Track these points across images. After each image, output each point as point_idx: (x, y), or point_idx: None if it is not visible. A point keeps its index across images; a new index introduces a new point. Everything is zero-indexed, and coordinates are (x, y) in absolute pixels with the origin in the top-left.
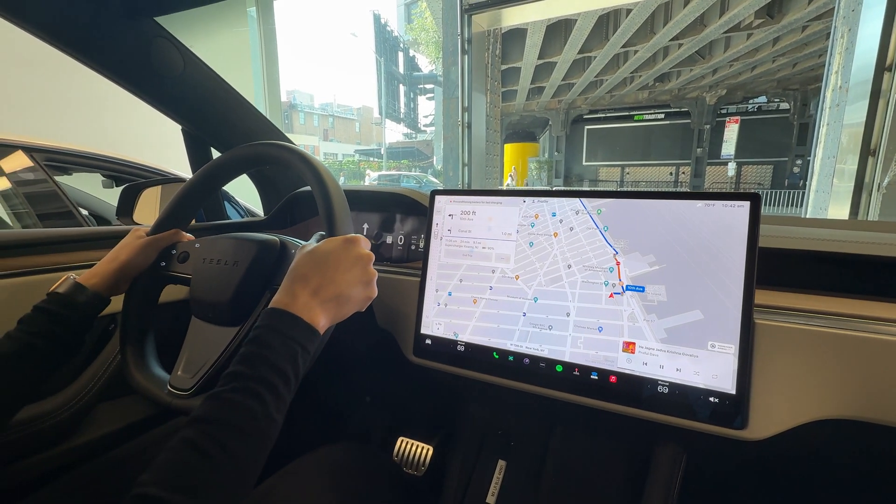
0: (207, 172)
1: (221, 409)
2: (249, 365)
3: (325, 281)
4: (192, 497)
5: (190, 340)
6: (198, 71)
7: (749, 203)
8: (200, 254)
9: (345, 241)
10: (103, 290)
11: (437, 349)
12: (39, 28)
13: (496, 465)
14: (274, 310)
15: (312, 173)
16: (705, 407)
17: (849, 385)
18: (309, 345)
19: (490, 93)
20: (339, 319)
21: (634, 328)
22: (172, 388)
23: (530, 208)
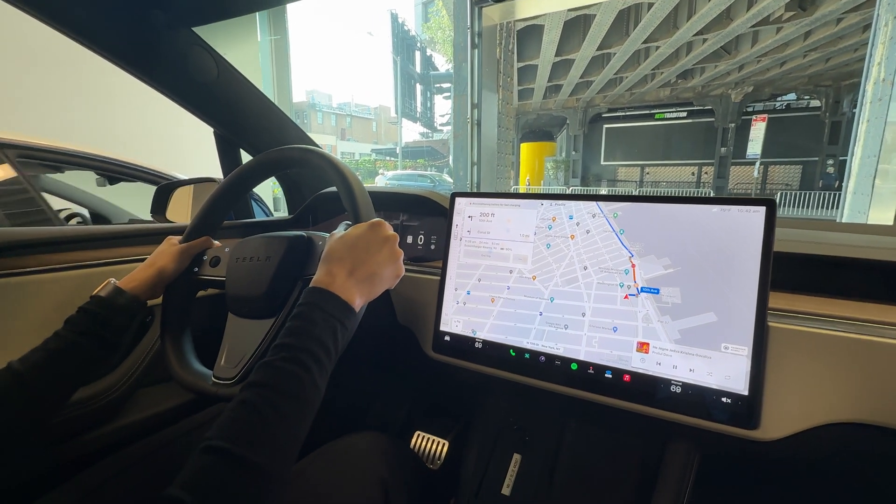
0: (237, 177)
1: (274, 375)
2: (296, 337)
3: (359, 262)
4: (252, 449)
5: (229, 335)
6: (230, 77)
7: (764, 208)
8: (232, 255)
9: (371, 226)
10: (141, 293)
11: (456, 345)
12: (91, 41)
13: (511, 458)
14: (315, 288)
15: (335, 170)
16: (718, 407)
17: (863, 389)
18: (347, 321)
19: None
20: (372, 297)
21: (648, 329)
22: (217, 379)
23: (548, 211)
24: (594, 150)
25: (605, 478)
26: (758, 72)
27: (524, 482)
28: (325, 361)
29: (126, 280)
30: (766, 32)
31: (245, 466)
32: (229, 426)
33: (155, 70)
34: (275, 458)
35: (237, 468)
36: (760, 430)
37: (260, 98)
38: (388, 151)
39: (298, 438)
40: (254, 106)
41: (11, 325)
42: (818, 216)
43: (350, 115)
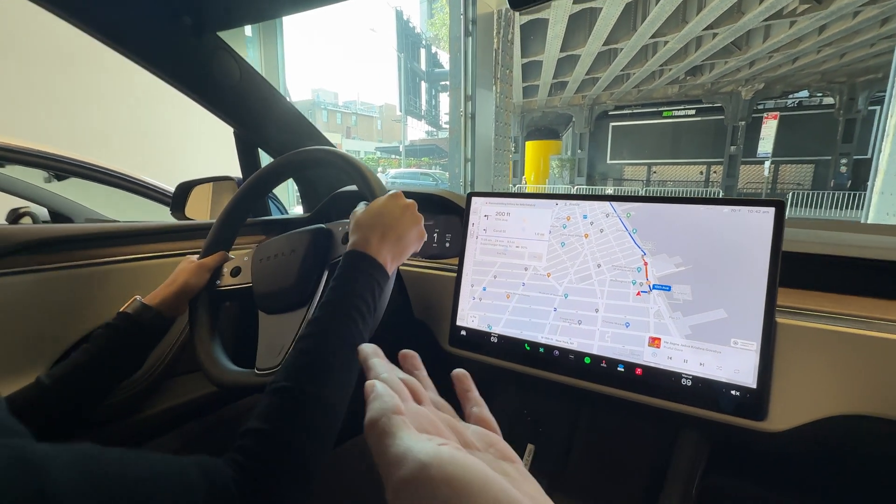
0: (249, 187)
1: (324, 325)
2: (340, 294)
3: (387, 227)
4: (316, 386)
5: (264, 332)
6: (252, 80)
7: (774, 209)
8: (255, 257)
9: (389, 196)
10: (165, 310)
11: (472, 340)
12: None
13: (525, 448)
14: (353, 251)
15: (343, 161)
16: (727, 399)
17: (868, 383)
18: (382, 282)
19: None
20: (401, 261)
21: (660, 324)
22: (260, 371)
23: (562, 210)
24: (600, 149)
25: (617, 468)
26: (769, 68)
27: (538, 471)
28: (368, 316)
29: (151, 297)
30: (779, 27)
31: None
32: (292, 370)
33: (181, 73)
34: (335, 391)
35: (303, 400)
36: (768, 421)
37: (279, 100)
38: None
39: (352, 374)
40: (273, 108)
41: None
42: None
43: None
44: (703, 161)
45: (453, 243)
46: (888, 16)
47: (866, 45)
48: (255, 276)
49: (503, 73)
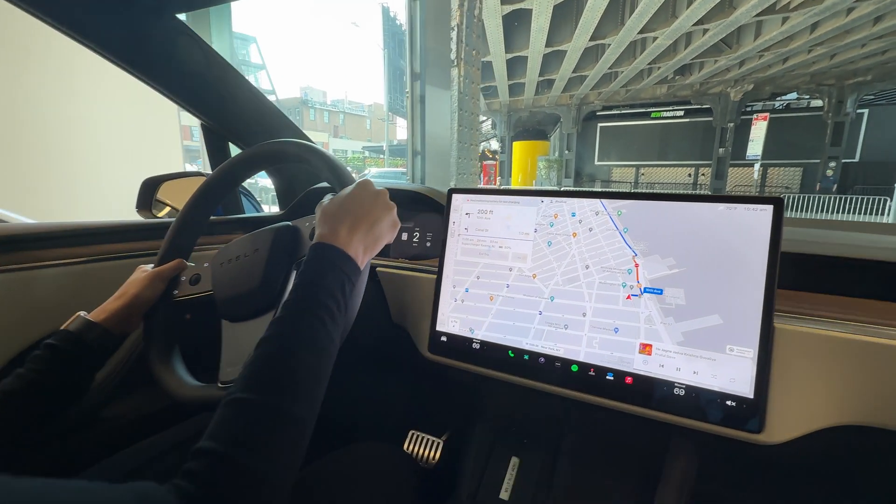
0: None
1: (288, 326)
2: (305, 290)
3: (357, 217)
4: (277, 396)
5: (227, 343)
6: (219, 68)
7: (772, 207)
8: (215, 262)
9: (359, 184)
10: (113, 326)
11: (453, 346)
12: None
13: (509, 461)
14: (320, 244)
15: (310, 152)
16: (722, 410)
17: (869, 391)
18: (353, 276)
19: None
20: (374, 252)
21: (651, 330)
22: (223, 384)
23: (549, 208)
24: (588, 150)
25: (605, 483)
26: (759, 68)
27: (523, 486)
28: (338, 315)
29: (97, 312)
30: (771, 24)
31: (269, 411)
32: (250, 378)
33: (138, 59)
34: (302, 406)
35: (262, 414)
36: (765, 433)
37: (251, 91)
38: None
39: (320, 383)
40: (244, 98)
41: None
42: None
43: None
44: (692, 163)
45: (434, 243)
46: (881, 14)
47: (857, 45)
48: (216, 281)
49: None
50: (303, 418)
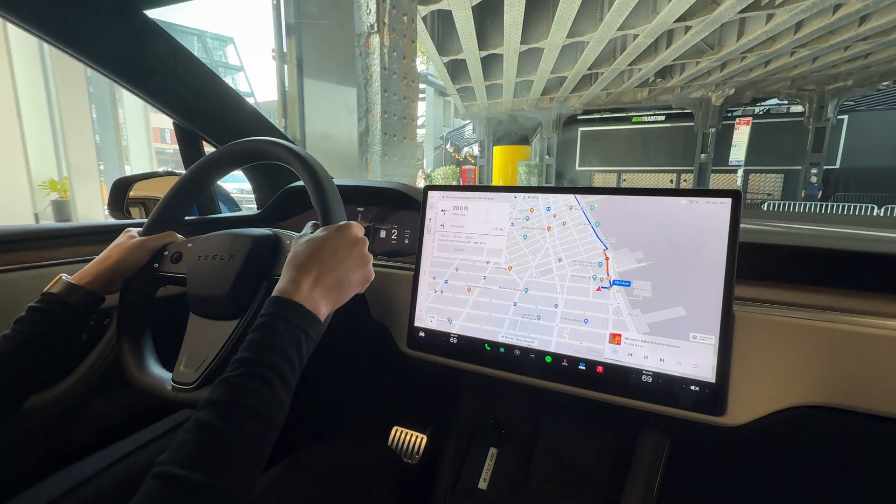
0: (201, 168)
1: (234, 392)
2: (257, 351)
3: (325, 269)
4: (210, 474)
5: (190, 336)
6: (190, 65)
7: (730, 200)
8: (195, 252)
9: (339, 229)
10: (96, 289)
11: (431, 341)
12: (28, 22)
13: (488, 452)
14: (278, 298)
15: (304, 166)
16: (687, 395)
17: (823, 373)
18: (312, 331)
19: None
20: (339, 304)
21: (619, 321)
22: (176, 384)
23: (525, 203)
24: (569, 155)
25: (579, 468)
26: (741, 71)
27: (500, 476)
28: (289, 375)
29: (79, 275)
30: (755, 22)
31: (204, 492)
32: (184, 449)
33: (105, 56)
34: (238, 481)
35: (195, 495)
36: (727, 416)
37: (224, 89)
38: None
39: (262, 458)
40: (217, 97)
41: None
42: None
43: None
44: (674, 169)
45: (412, 240)
46: (868, 13)
47: (840, 47)
48: (191, 274)
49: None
50: (237, 494)
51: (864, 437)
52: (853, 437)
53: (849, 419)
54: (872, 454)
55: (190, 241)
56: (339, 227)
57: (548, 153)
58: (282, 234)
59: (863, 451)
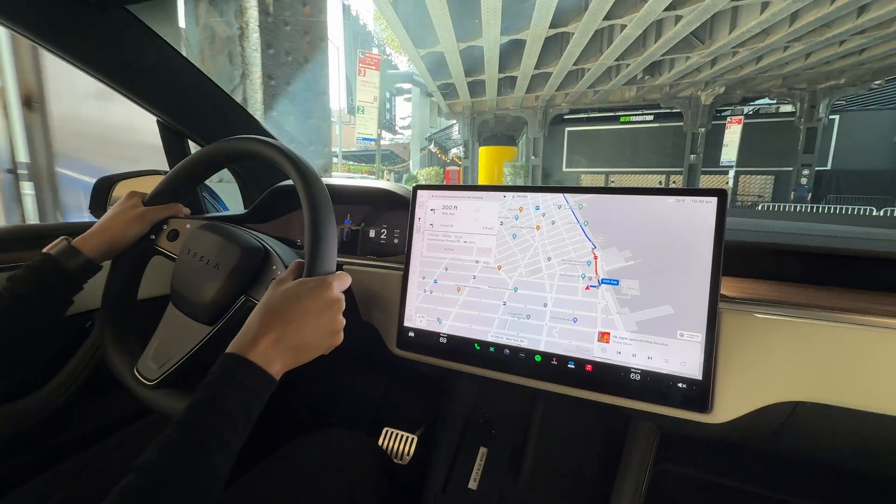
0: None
1: (168, 457)
2: (202, 414)
3: (289, 330)
4: None
5: (164, 327)
6: (174, 62)
7: (716, 199)
8: (189, 239)
9: (318, 287)
10: (96, 256)
11: (420, 341)
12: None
13: (478, 452)
14: (233, 356)
15: (308, 193)
16: (674, 392)
17: (808, 370)
18: (263, 392)
19: None
20: (296, 365)
21: (607, 320)
22: (138, 374)
23: (514, 202)
24: (556, 156)
25: (569, 466)
26: (732, 68)
27: (491, 475)
28: (233, 441)
29: (81, 240)
30: (749, 12)
31: None
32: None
33: (83, 52)
34: None
35: None
36: (713, 413)
37: (210, 86)
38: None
39: None
40: (203, 94)
41: None
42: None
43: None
44: (662, 170)
45: (402, 239)
46: (865, 3)
47: (836, 41)
48: (177, 266)
49: None
50: None
51: (848, 434)
52: (838, 433)
53: (833, 415)
54: (856, 450)
55: (189, 222)
56: (319, 284)
57: (534, 154)
58: (271, 251)
59: (847, 447)
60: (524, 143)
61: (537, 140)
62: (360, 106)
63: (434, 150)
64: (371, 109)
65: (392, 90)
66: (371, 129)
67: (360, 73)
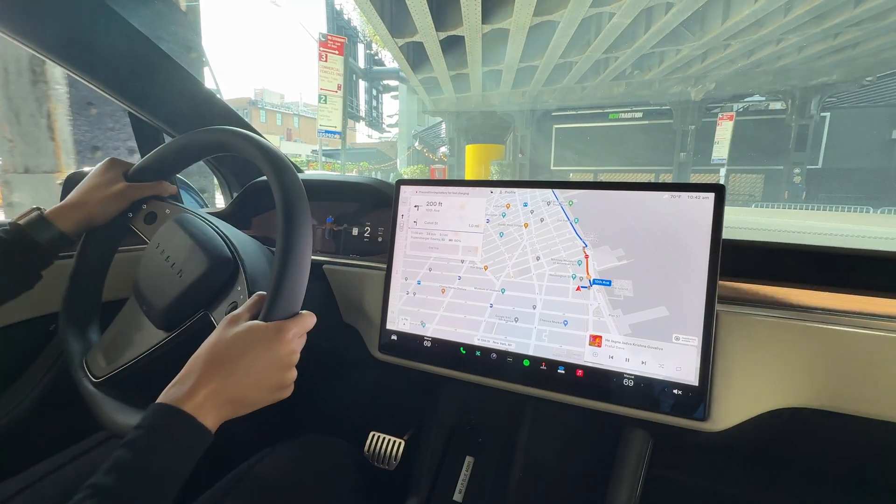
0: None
1: None
2: (122, 479)
3: (232, 382)
4: None
5: (121, 320)
6: (146, 50)
7: (713, 194)
8: (162, 231)
9: (272, 339)
10: (68, 230)
11: (404, 345)
12: None
13: (464, 461)
14: (166, 407)
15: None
16: (669, 399)
17: (807, 375)
18: (199, 447)
19: None
20: (232, 417)
21: (599, 322)
22: (87, 365)
23: (501, 198)
24: (543, 153)
25: (559, 476)
26: (723, 62)
27: (477, 486)
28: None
29: (54, 212)
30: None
31: None
32: None
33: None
34: None
35: None
36: (710, 420)
37: (184, 76)
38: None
39: None
40: (177, 84)
41: None
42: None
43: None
44: (652, 169)
45: (385, 238)
46: None
47: (830, 34)
48: (144, 260)
49: None
50: None
51: (850, 441)
52: (839, 440)
53: (835, 422)
54: (858, 457)
55: (168, 207)
56: (274, 336)
57: (521, 152)
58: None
59: (847, 454)
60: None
61: (524, 138)
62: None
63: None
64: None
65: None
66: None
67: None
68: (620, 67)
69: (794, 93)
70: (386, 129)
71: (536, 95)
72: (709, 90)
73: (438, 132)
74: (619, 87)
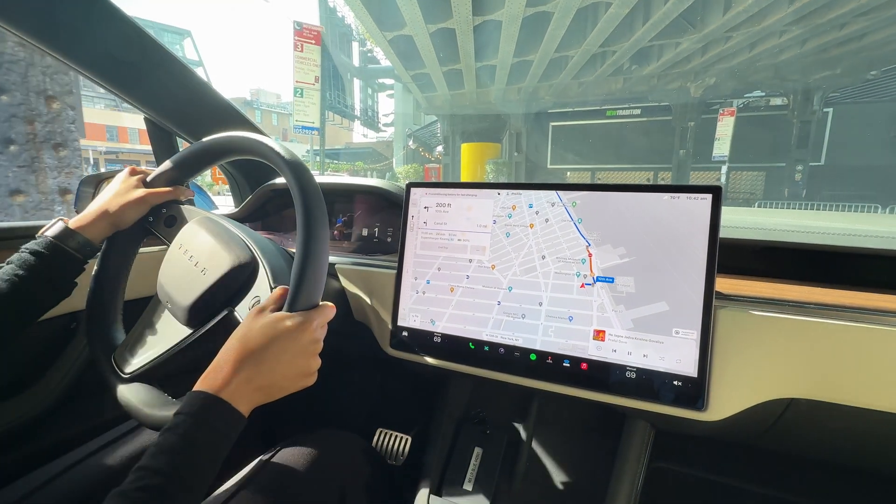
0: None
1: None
2: (167, 460)
3: (263, 369)
4: None
5: (148, 316)
6: (158, 56)
7: (711, 196)
8: (184, 232)
9: (297, 328)
10: (93, 237)
11: (414, 341)
12: None
13: (473, 452)
14: (201, 394)
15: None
16: (670, 390)
17: (803, 367)
18: (234, 433)
19: None
20: (263, 403)
21: (603, 318)
22: (115, 361)
23: (507, 200)
24: (540, 153)
25: (564, 465)
26: (724, 56)
27: (486, 476)
28: (199, 488)
29: (77, 221)
30: None
31: None
32: None
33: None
34: None
35: None
36: (708, 411)
37: (195, 80)
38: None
39: None
40: (190, 90)
41: None
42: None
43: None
44: (651, 167)
45: (395, 238)
46: None
47: (837, 25)
48: (166, 261)
49: None
50: None
51: (842, 430)
52: (832, 429)
53: (827, 412)
54: (850, 446)
55: (186, 211)
56: (299, 325)
57: (516, 150)
58: (260, 266)
59: (841, 444)
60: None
61: (520, 135)
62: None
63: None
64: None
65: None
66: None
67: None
68: (618, 62)
69: (797, 87)
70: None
71: (532, 92)
72: (709, 85)
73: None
74: (617, 82)
